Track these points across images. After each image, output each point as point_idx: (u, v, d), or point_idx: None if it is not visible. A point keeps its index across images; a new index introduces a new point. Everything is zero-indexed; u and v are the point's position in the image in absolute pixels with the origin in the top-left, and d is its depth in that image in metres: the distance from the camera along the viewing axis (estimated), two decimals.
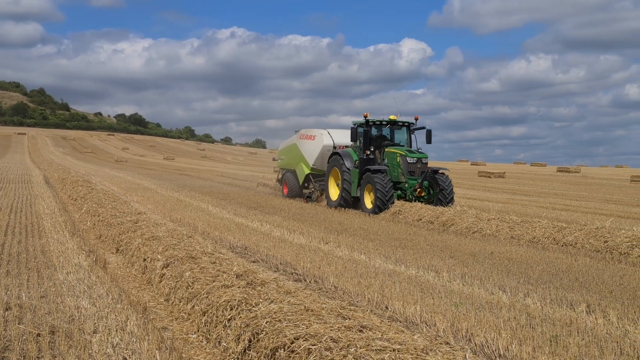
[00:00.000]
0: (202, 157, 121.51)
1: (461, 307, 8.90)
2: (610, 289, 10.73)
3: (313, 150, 29.10)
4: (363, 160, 25.44)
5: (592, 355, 6.79)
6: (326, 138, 28.88)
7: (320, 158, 28.79)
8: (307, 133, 29.95)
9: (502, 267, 12.75)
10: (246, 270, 9.56)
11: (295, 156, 30.40)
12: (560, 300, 9.67)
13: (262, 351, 6.33)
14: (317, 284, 10.45)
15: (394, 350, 5.46)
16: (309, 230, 17.78)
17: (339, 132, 29.48)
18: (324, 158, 28.46)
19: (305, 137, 29.82)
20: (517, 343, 7.08)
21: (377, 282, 10.53)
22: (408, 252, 14.18)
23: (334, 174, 26.77)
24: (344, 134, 29.07)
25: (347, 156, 26.05)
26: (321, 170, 28.96)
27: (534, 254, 14.51)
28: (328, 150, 28.45)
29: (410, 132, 26.21)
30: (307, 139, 29.71)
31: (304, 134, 30.03)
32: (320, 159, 28.79)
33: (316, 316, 6.68)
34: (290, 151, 31.25)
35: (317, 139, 29.09)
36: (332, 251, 14.04)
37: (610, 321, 8.47)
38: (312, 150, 29.17)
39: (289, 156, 31.33)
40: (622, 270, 12.73)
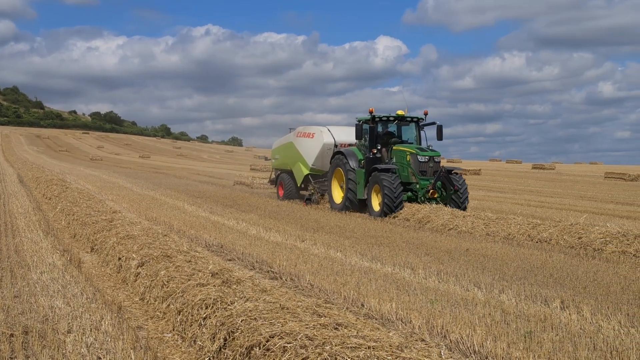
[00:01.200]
0: (178, 155, 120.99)
1: (437, 304, 8.93)
2: (584, 285, 10.81)
3: (312, 149, 27.13)
4: (369, 160, 23.57)
5: (566, 351, 6.84)
6: (326, 136, 26.91)
7: (320, 157, 26.88)
8: (305, 131, 27.96)
9: (477, 263, 12.81)
10: (222, 268, 9.54)
11: (292, 156, 28.41)
12: (534, 296, 9.73)
13: (238, 349, 6.31)
14: (293, 282, 10.44)
15: (369, 348, 5.47)
16: (285, 228, 17.77)
17: (339, 129, 27.71)
18: (325, 157, 26.69)
19: (303, 135, 27.82)
20: (491, 339, 7.12)
21: (353, 279, 10.54)
22: (384, 250, 14.21)
23: (337, 174, 24.90)
24: (345, 131, 27.42)
25: (351, 155, 24.23)
26: (321, 171, 27.10)
27: (509, 251, 14.60)
28: (329, 149, 26.56)
29: (419, 128, 24.49)
30: (305, 137, 27.68)
31: (302, 132, 28.06)
32: (321, 158, 26.89)
33: (292, 314, 6.67)
34: (285, 150, 29.31)
35: (316, 137, 27.10)
36: (308, 249, 14.03)
37: (584, 317, 8.54)
38: (311, 149, 27.20)
39: (285, 155, 29.37)
40: (595, 266, 12.83)
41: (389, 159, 23.82)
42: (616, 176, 58.74)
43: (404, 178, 22.65)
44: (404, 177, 22.69)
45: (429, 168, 22.61)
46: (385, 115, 24.05)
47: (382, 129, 24.46)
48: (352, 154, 24.20)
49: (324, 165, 26.78)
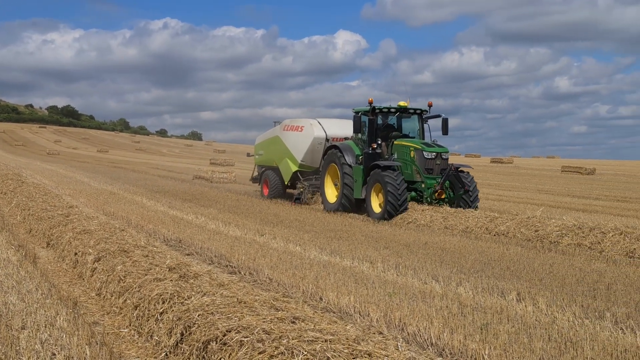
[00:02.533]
0: (137, 149, 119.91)
1: (395, 297, 8.96)
2: (540, 277, 10.93)
3: (301, 144, 25.16)
4: (369, 155, 21.32)
5: (521, 342, 6.91)
6: (317, 129, 25.00)
7: (310, 153, 24.91)
8: (292, 124, 26.01)
9: (435, 256, 12.89)
10: (179, 263, 9.47)
11: (278, 151, 26.40)
12: (491, 288, 9.82)
13: (194, 344, 6.27)
14: (251, 276, 10.41)
15: (326, 341, 5.47)
16: (244, 222, 17.72)
17: (331, 122, 25.87)
18: (315, 153, 24.77)
19: (291, 128, 25.87)
20: (448, 331, 7.16)
21: (311, 273, 10.53)
22: (343, 243, 14.24)
23: (331, 171, 22.70)
24: (337, 124, 25.76)
25: (347, 150, 21.97)
26: (311, 167, 25.15)
27: (467, 244, 14.71)
28: (319, 143, 24.69)
29: (423, 121, 22.35)
30: (293, 130, 25.72)
31: (289, 125, 26.07)
32: (311, 153, 24.92)
33: (249, 308, 6.64)
34: (271, 145, 27.29)
35: (305, 131, 25.16)
36: (268, 243, 14.00)
37: (540, 308, 8.63)
38: (300, 144, 25.23)
39: (270, 151, 27.36)
40: (551, 258, 12.99)
41: (389, 154, 21.68)
42: (572, 170, 59.63)
43: (407, 176, 20.62)
44: (407, 175, 20.66)
45: (436, 166, 20.55)
46: (386, 107, 22.00)
47: (381, 121, 22.32)
48: (349, 149, 22.05)
49: (314, 161, 24.92)
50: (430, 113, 22.27)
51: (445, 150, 20.78)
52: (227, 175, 38.98)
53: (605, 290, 9.99)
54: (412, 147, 20.76)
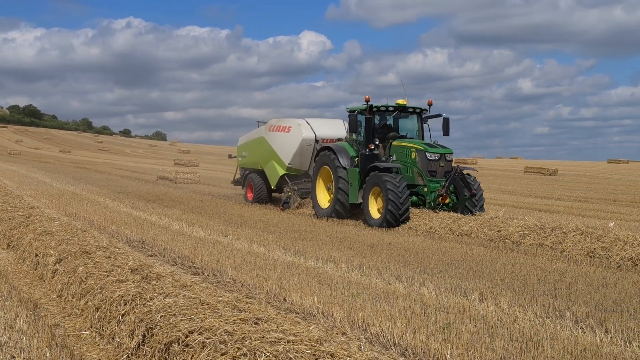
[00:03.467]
0: (100, 149, 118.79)
1: (358, 298, 8.98)
2: (503, 277, 11.03)
3: (289, 146, 23.60)
4: (365, 157, 19.81)
5: (483, 342, 6.96)
6: (305, 130, 23.46)
7: (298, 155, 23.42)
8: (279, 124, 24.48)
9: (399, 257, 12.94)
10: (142, 264, 9.41)
11: (264, 153, 24.82)
12: (454, 288, 9.88)
13: (157, 346, 6.22)
14: (215, 277, 10.37)
15: (288, 342, 5.46)
16: (208, 223, 17.65)
17: (320, 122, 24.40)
18: (304, 155, 23.41)
19: (277, 129, 24.33)
20: (411, 331, 7.19)
21: (275, 274, 10.52)
22: (307, 244, 14.24)
23: (323, 174, 21.12)
24: (326, 124, 24.36)
25: (342, 152, 20.43)
26: (300, 170, 23.75)
27: (430, 244, 14.79)
28: (308, 145, 23.25)
29: (422, 120, 20.93)
30: (279, 131, 24.19)
31: (275, 126, 24.55)
32: (299, 155, 23.44)
33: (211, 309, 6.62)
34: (255, 147, 25.71)
35: (293, 131, 23.60)
36: (231, 244, 13.96)
37: (502, 308, 8.71)
38: (287, 146, 23.68)
39: (254, 153, 25.78)
40: (514, 258, 13.11)
41: (387, 156, 20.26)
42: (535, 171, 60.33)
43: (408, 179, 19.01)
44: (408, 178, 19.09)
45: (440, 168, 19.16)
46: (384, 105, 20.48)
47: (378, 121, 20.77)
48: (343, 150, 20.51)
49: (302, 163, 23.62)
50: (430, 112, 20.99)
51: (449, 151, 19.50)
52: (192, 175, 38.79)
53: (566, 289, 10.10)
54: (414, 147, 19.37)
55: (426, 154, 19.02)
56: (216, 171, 54.80)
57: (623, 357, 6.66)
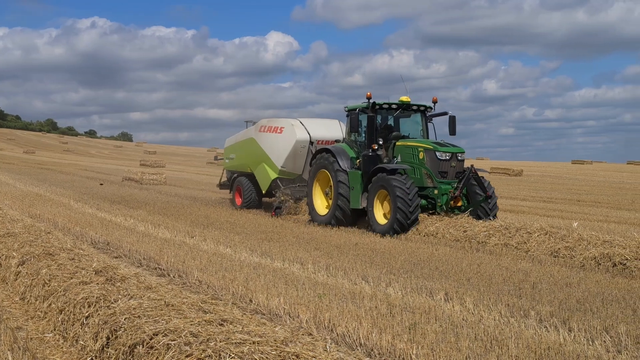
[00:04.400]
0: (65, 150, 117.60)
1: (325, 298, 8.98)
2: (468, 277, 11.10)
3: (282, 147, 22.18)
4: (368, 158, 18.48)
5: (448, 342, 7.00)
6: (299, 130, 22.09)
7: (292, 157, 22.03)
8: (270, 124, 23.02)
9: (365, 257, 12.97)
10: (106, 266, 9.33)
11: (254, 155, 23.42)
12: (420, 288, 9.92)
13: (121, 348, 6.17)
14: (181, 278, 10.31)
15: (254, 343, 5.44)
16: (174, 224, 17.55)
17: (314, 122, 23.04)
18: (298, 157, 22.06)
19: (269, 129, 22.90)
20: (377, 332, 7.21)
21: (242, 275, 10.49)
22: (274, 245, 14.22)
23: (320, 178, 19.78)
24: (321, 125, 23.01)
25: (341, 153, 19.15)
26: (293, 174, 22.35)
27: (396, 244, 14.84)
28: (303, 146, 21.87)
29: (427, 119, 19.65)
30: (271, 132, 22.76)
31: (267, 126, 23.08)
32: (293, 158, 22.05)
33: (176, 311, 6.58)
34: (244, 148, 24.36)
35: (286, 132, 22.20)
36: (198, 245, 13.89)
37: (467, 308, 8.77)
38: (280, 147, 22.25)
39: (243, 155, 24.44)
40: (479, 258, 13.20)
41: (390, 157, 18.93)
42: (501, 171, 60.89)
43: (416, 182, 17.63)
44: (416, 180, 17.71)
45: (451, 168, 17.90)
46: (387, 102, 19.09)
47: (379, 120, 19.51)
48: (342, 152, 19.22)
49: (296, 166, 22.27)
50: (434, 111, 19.69)
51: (461, 150, 18.15)
52: (158, 176, 38.55)
53: (530, 289, 10.19)
54: (422, 147, 18.05)
55: (436, 154, 17.78)
56: (182, 172, 54.58)
57: (586, 355, 6.73)
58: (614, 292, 10.05)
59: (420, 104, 19.26)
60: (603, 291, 10.13)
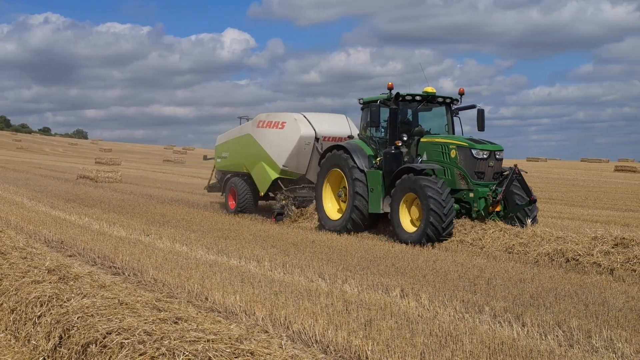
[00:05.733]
0: (18, 148, 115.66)
1: (281, 296, 8.97)
2: (424, 273, 11.17)
3: (284, 144, 20.15)
4: (391, 157, 16.55)
5: (404, 338, 7.03)
6: (304, 126, 20.11)
7: (295, 155, 19.99)
8: (270, 119, 20.95)
9: (322, 255, 12.99)
10: (59, 264, 9.22)
11: (251, 153, 21.34)
12: (376, 285, 9.96)
13: (74, 347, 6.10)
14: (136, 277, 10.21)
15: (208, 341, 5.42)
16: (129, 222, 17.38)
17: (319, 117, 20.98)
18: (301, 155, 20.03)
19: (268, 124, 20.86)
20: (333, 328, 7.21)
21: (197, 273, 10.42)
22: (231, 243, 14.17)
23: (332, 178, 17.94)
24: (327, 119, 21.07)
25: (357, 151, 17.24)
26: (296, 174, 20.30)
27: (353, 242, 14.89)
28: (307, 143, 19.91)
29: (453, 113, 17.81)
30: (271, 127, 20.75)
31: (266, 121, 21.02)
32: (296, 156, 20.02)
33: (130, 309, 6.53)
34: (239, 146, 22.25)
35: (289, 128, 20.24)
36: (153, 243, 13.79)
37: (422, 304, 8.82)
38: (281, 144, 20.22)
39: (238, 153, 22.33)
40: (435, 255, 13.30)
41: (414, 155, 16.93)
42: None
43: (448, 183, 15.59)
44: (448, 181, 15.68)
45: (488, 168, 15.82)
46: (410, 94, 17.13)
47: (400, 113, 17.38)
48: (358, 149, 17.34)
49: (299, 166, 20.20)
50: (461, 103, 17.88)
51: (499, 148, 16.13)
52: (113, 174, 38.12)
53: (485, 285, 10.29)
54: (455, 144, 16.10)
55: (472, 152, 15.71)
56: (139, 170, 54.13)
57: (538, 350, 6.81)
58: (567, 288, 10.20)
59: (446, 96, 17.45)
60: (556, 286, 10.28)
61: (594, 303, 9.17)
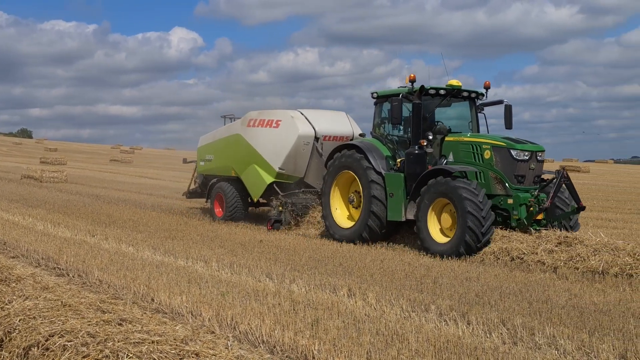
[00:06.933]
0: None
1: (228, 296, 8.93)
2: (371, 273, 11.23)
3: (280, 145, 18.25)
4: (415, 157, 14.71)
5: (350, 337, 7.05)
6: (302, 124, 18.27)
7: (293, 157, 18.14)
8: (263, 117, 18.98)
9: (270, 255, 12.97)
10: (1, 266, 9.07)
11: (241, 155, 19.35)
12: (323, 284, 9.98)
13: (15, 350, 5.98)
14: (80, 278, 10.07)
15: (153, 342, 5.38)
16: (75, 223, 17.14)
17: (317, 114, 19.20)
18: (300, 156, 18.20)
19: (261, 123, 18.91)
20: (280, 328, 7.20)
21: (144, 274, 10.32)
22: (178, 243, 14.07)
23: (341, 181, 16.10)
24: (327, 117, 19.36)
25: (372, 150, 15.43)
26: (293, 177, 18.43)
27: (301, 242, 14.92)
28: (306, 143, 18.08)
29: (477, 109, 16.08)
30: (264, 126, 18.81)
31: (257, 119, 19.04)
32: (294, 157, 18.16)
33: (74, 311, 6.44)
34: (227, 148, 20.16)
35: (285, 126, 18.38)
36: (99, 244, 13.62)
37: (369, 303, 8.87)
38: (277, 145, 18.31)
39: (226, 155, 20.22)
40: (382, 254, 13.38)
41: (437, 156, 15.21)
42: None
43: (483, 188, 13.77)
44: (482, 185, 13.92)
45: (529, 171, 14.16)
46: (434, 87, 15.32)
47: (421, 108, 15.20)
48: (374, 149, 15.51)
49: (297, 168, 18.36)
50: (486, 99, 16.13)
51: (541, 148, 14.46)
52: (58, 174, 37.51)
53: (431, 284, 10.39)
54: (489, 143, 14.40)
55: (511, 152, 14.06)
56: (85, 170, 53.37)
57: (483, 347, 6.89)
58: (512, 286, 10.35)
59: (472, 90, 15.77)
60: (501, 285, 10.43)
61: (537, 301, 9.33)
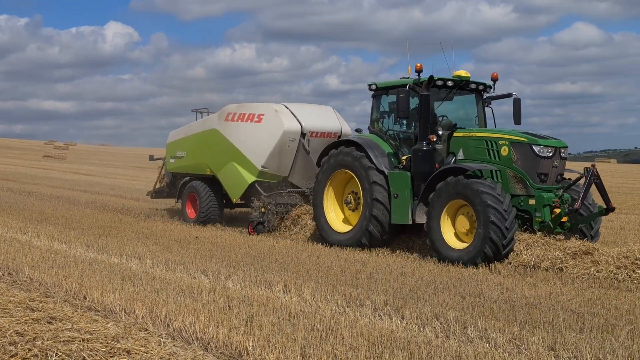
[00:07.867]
0: None
1: (162, 293, 8.85)
2: (307, 269, 11.25)
3: (262, 141, 16.92)
4: (423, 155, 13.43)
5: (285, 332, 7.06)
6: (287, 118, 16.97)
7: (277, 154, 16.84)
8: (243, 111, 17.57)
9: (206, 251, 12.90)
10: None
11: (217, 152, 17.89)
12: (259, 281, 9.96)
13: None
14: (10, 276, 9.88)
15: (83, 340, 5.32)
16: (5, 220, 16.76)
17: (303, 108, 17.96)
18: (284, 154, 16.93)
19: (241, 117, 17.48)
20: (214, 325, 7.16)
21: (76, 271, 10.16)
22: (112, 240, 13.90)
23: (336, 181, 14.73)
24: (313, 111, 18.11)
25: (373, 147, 14.11)
26: (277, 176, 17.10)
27: (237, 238, 14.87)
28: (292, 139, 16.81)
29: (484, 102, 14.89)
30: (244, 120, 17.39)
31: (237, 113, 17.60)
32: (278, 155, 16.86)
33: (2, 310, 6.33)
34: (201, 144, 18.59)
35: (268, 121, 17.04)
36: (30, 241, 13.37)
37: (305, 299, 8.88)
38: (259, 141, 16.98)
39: (200, 152, 18.65)
40: (319, 250, 13.43)
41: (446, 153, 13.96)
42: None
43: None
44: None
45: (552, 169, 12.98)
46: (442, 78, 14.13)
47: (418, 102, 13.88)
48: (375, 146, 14.20)
49: (281, 166, 17.05)
50: (494, 92, 14.99)
51: (564, 144, 13.28)
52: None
53: (367, 279, 10.46)
54: (507, 139, 13.19)
55: (533, 148, 12.86)
56: (17, 166, 52.24)
57: (416, 341, 6.96)
58: (445, 280, 10.49)
59: (479, 82, 14.63)
60: (435, 279, 10.56)
61: (470, 295, 9.47)
